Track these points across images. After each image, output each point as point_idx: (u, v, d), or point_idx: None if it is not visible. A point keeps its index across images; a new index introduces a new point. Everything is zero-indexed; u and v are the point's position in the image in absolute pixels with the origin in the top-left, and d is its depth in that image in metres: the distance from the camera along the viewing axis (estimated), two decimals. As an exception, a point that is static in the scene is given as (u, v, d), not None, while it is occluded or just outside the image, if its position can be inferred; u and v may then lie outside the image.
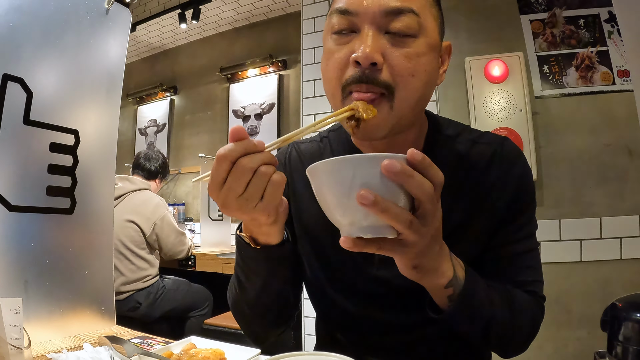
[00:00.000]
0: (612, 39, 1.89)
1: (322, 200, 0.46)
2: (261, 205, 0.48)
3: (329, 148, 0.74)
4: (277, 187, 0.47)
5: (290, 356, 0.55)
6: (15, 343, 0.56)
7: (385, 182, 0.41)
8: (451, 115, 0.78)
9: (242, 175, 0.45)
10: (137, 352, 0.65)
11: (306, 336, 2.12)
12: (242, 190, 0.46)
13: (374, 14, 0.53)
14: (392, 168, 0.39)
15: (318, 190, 0.46)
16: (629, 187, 1.82)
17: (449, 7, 2.09)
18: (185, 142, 4.03)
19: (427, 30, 0.55)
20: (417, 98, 0.56)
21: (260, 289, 0.65)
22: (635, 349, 0.50)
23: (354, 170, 0.41)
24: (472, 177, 0.65)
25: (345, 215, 0.44)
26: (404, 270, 0.49)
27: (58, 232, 0.92)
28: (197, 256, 2.57)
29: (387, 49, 0.53)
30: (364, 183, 0.40)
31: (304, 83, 2.33)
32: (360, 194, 0.40)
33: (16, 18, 0.85)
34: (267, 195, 0.47)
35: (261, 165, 0.46)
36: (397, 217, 0.41)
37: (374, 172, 0.40)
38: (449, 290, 0.52)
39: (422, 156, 0.42)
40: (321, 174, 0.44)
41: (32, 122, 0.88)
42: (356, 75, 0.53)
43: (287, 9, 3.48)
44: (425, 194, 0.42)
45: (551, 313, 0.68)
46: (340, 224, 0.46)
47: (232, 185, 0.46)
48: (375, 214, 0.40)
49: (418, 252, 0.46)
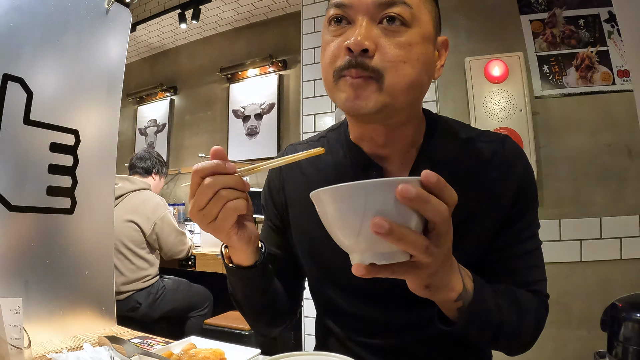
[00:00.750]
0: (612, 39, 1.89)
1: (330, 227, 0.43)
2: (214, 224, 0.52)
3: (327, 148, 0.73)
4: (229, 212, 0.51)
5: (290, 356, 0.55)
6: (15, 343, 0.56)
7: (400, 208, 0.39)
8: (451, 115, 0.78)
9: (203, 192, 0.50)
10: (137, 352, 0.65)
11: (306, 336, 2.12)
12: (203, 206, 0.50)
13: (367, 5, 0.55)
14: (407, 194, 0.38)
15: (325, 216, 0.43)
16: (629, 187, 1.82)
17: (449, 7, 2.09)
18: (185, 142, 4.03)
19: (420, 21, 0.57)
20: (408, 83, 0.57)
21: (244, 299, 0.70)
22: (635, 349, 0.50)
23: (366, 197, 0.39)
24: (472, 175, 0.65)
25: (357, 243, 0.42)
26: (416, 290, 0.49)
27: (58, 232, 0.92)
28: (197, 256, 2.57)
29: (379, 38, 0.55)
30: (377, 210, 0.38)
31: (304, 83, 2.33)
32: (375, 222, 0.38)
33: (16, 18, 0.85)
34: (219, 217, 0.51)
35: (222, 188, 0.50)
36: (414, 244, 0.40)
37: (388, 198, 0.38)
38: (458, 303, 0.53)
39: (436, 178, 0.40)
40: (329, 201, 0.41)
41: (32, 122, 0.88)
42: (347, 61, 0.56)
43: (287, 9, 3.48)
44: (441, 217, 0.40)
45: (551, 313, 0.68)
46: (351, 250, 0.44)
47: (197, 198, 0.50)
48: (391, 242, 0.39)
49: (431, 272, 0.45)
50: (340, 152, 0.71)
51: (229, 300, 0.72)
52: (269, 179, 0.79)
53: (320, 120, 2.28)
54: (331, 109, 2.25)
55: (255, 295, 0.68)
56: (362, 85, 0.55)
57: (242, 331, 2.07)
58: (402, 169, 0.67)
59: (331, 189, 0.40)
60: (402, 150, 0.66)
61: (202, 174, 0.50)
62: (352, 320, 0.71)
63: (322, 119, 2.27)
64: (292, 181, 0.74)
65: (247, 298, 0.69)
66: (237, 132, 3.65)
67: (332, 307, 0.73)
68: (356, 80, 0.55)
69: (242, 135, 3.62)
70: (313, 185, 0.72)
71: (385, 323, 0.68)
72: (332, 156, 0.71)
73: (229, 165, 0.50)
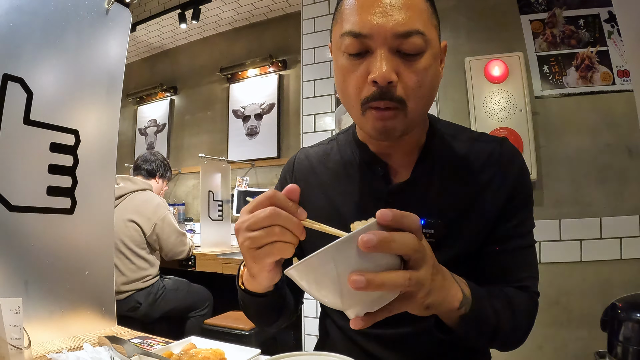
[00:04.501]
0: (612, 39, 1.89)
1: (316, 296, 0.45)
2: (255, 252, 0.49)
3: (336, 149, 0.79)
4: (275, 251, 0.48)
5: (290, 356, 0.55)
6: (15, 343, 0.56)
7: (368, 257, 0.40)
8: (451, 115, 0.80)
9: (263, 219, 0.47)
10: (137, 352, 0.65)
11: (306, 336, 2.12)
12: (255, 229, 0.48)
13: (386, 37, 0.57)
14: (370, 243, 0.39)
15: (306, 289, 0.45)
16: (629, 187, 1.81)
17: (449, 7, 2.09)
18: (185, 142, 4.02)
19: (432, 43, 0.59)
20: (425, 103, 0.62)
21: (256, 314, 0.71)
22: (635, 349, 0.50)
23: (334, 261, 0.40)
24: (469, 175, 0.68)
25: (345, 302, 0.43)
26: (419, 314, 0.50)
27: (58, 232, 0.92)
28: (197, 256, 2.57)
29: (400, 68, 0.58)
30: (348, 268, 0.40)
31: (304, 83, 2.33)
32: (352, 279, 0.39)
33: (16, 18, 0.85)
34: (263, 251, 0.49)
35: (279, 226, 0.47)
36: (395, 283, 0.41)
37: (353, 254, 0.40)
38: (461, 310, 0.54)
39: (391, 214, 0.41)
40: (303, 277, 0.43)
41: (32, 122, 0.88)
42: (375, 94, 0.58)
43: (287, 9, 3.48)
44: (409, 248, 0.42)
45: (551, 313, 0.69)
46: (344, 309, 0.45)
47: (253, 218, 0.48)
48: (373, 291, 0.40)
49: (425, 294, 0.46)
50: (349, 151, 0.76)
51: (229, 300, 0.73)
52: (282, 176, 0.83)
53: (320, 120, 2.28)
54: (331, 108, 2.25)
55: (267, 312, 0.70)
56: (391, 116, 0.59)
57: (242, 331, 2.07)
58: (406, 167, 0.70)
59: (301, 264, 0.41)
60: (406, 149, 0.70)
61: (275, 204, 0.48)
62: None
63: (322, 119, 2.27)
64: (304, 179, 0.79)
65: (260, 315, 0.71)
66: (237, 132, 3.65)
67: None
68: (386, 113, 0.59)
69: (242, 135, 3.62)
70: (324, 181, 0.75)
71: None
72: (342, 155, 0.76)
73: (300, 212, 0.49)
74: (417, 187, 0.68)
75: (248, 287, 0.61)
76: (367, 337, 0.72)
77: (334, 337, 0.78)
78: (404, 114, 0.59)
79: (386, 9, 0.56)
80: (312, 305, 2.12)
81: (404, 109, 0.59)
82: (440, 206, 0.67)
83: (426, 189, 0.68)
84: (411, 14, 0.57)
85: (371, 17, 0.57)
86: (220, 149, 3.70)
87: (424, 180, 0.69)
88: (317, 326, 0.86)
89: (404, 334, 0.70)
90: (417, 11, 0.57)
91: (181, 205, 3.70)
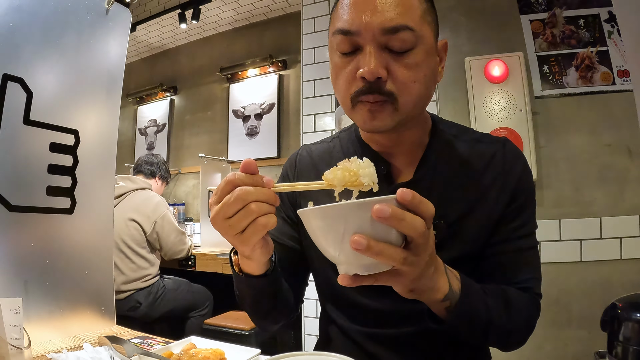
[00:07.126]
0: (612, 39, 1.89)
1: (316, 242, 0.47)
2: (240, 236, 0.50)
3: (339, 146, 0.78)
4: (259, 227, 0.49)
5: (290, 356, 0.55)
6: (15, 343, 0.56)
7: (376, 225, 0.42)
8: (451, 115, 0.81)
9: (234, 203, 0.48)
10: (137, 352, 0.65)
11: (306, 336, 2.12)
12: (230, 215, 0.48)
13: (374, 33, 0.58)
14: (382, 214, 0.40)
15: (311, 233, 0.47)
16: (629, 187, 1.81)
17: (449, 7, 2.09)
18: (185, 142, 4.02)
19: (423, 39, 0.60)
20: (419, 98, 0.62)
21: (253, 304, 0.71)
22: (635, 349, 0.50)
23: (345, 218, 0.42)
24: (472, 175, 0.68)
25: (340, 257, 0.45)
26: (401, 293, 0.52)
27: (58, 232, 0.92)
28: (197, 256, 2.57)
29: (389, 63, 0.59)
30: (356, 229, 0.42)
31: (304, 83, 2.33)
32: (354, 239, 0.41)
33: (16, 18, 0.85)
34: (248, 231, 0.49)
35: (253, 202, 0.47)
36: (392, 257, 0.43)
37: (364, 218, 0.42)
38: (445, 303, 0.55)
39: (411, 195, 0.43)
40: (313, 221, 0.45)
41: (32, 122, 0.88)
42: (364, 88, 0.59)
43: (287, 9, 3.47)
44: (416, 231, 0.43)
45: (551, 313, 0.69)
46: (336, 262, 0.47)
47: (224, 207, 0.48)
48: (370, 257, 0.42)
49: (413, 278, 0.48)
50: (351, 149, 0.76)
51: (229, 300, 0.73)
52: (284, 173, 0.83)
53: (320, 120, 2.28)
54: (331, 108, 2.25)
55: (264, 301, 0.70)
56: (379, 109, 0.60)
57: (242, 331, 2.07)
58: (409, 166, 0.71)
59: (313, 210, 0.44)
60: (409, 149, 0.71)
61: (236, 183, 0.48)
62: (354, 310, 0.73)
63: (322, 119, 2.27)
64: (306, 175, 0.79)
65: (256, 303, 0.71)
66: (237, 132, 3.65)
67: (339, 298, 0.75)
68: (374, 105, 0.60)
69: (242, 135, 3.62)
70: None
71: (387, 313, 0.70)
72: (344, 153, 0.76)
73: (267, 180, 0.49)
74: (420, 187, 0.68)
75: (247, 270, 0.62)
76: (367, 337, 0.72)
77: (334, 337, 0.78)
78: (394, 107, 0.60)
79: (376, 7, 0.57)
80: (312, 305, 2.12)
81: (394, 103, 0.60)
82: (442, 207, 0.67)
83: (429, 189, 0.68)
84: (400, 10, 0.57)
85: (360, 14, 0.58)
86: (220, 149, 3.70)
87: (427, 181, 0.69)
88: (317, 326, 0.86)
89: (404, 334, 0.70)
90: (407, 7, 0.58)
91: (181, 205, 3.70)
